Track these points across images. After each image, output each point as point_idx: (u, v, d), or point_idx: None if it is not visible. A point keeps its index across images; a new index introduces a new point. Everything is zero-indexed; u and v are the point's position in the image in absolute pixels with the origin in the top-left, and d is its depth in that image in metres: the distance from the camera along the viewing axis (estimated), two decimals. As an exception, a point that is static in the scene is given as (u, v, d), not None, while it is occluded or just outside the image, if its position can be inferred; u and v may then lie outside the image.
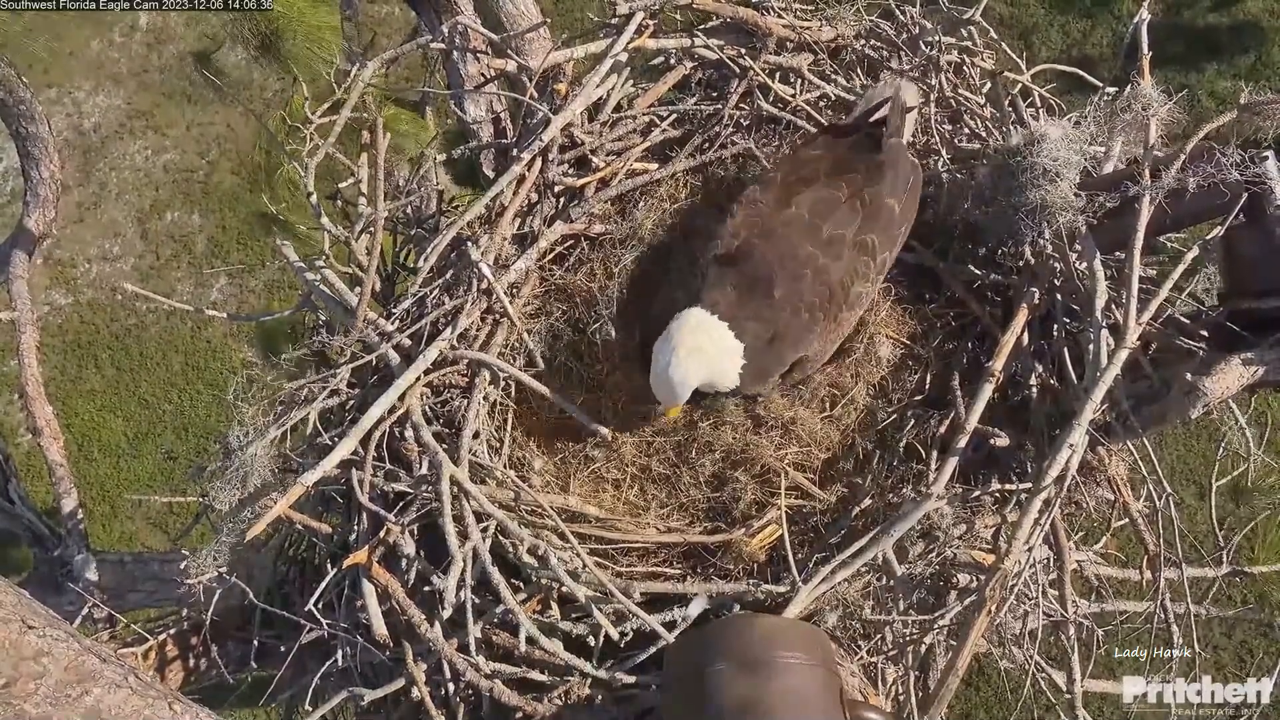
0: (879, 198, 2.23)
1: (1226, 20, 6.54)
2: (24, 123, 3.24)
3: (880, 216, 2.24)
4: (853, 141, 2.31)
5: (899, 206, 2.27)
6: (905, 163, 2.30)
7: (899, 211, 2.27)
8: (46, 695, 1.60)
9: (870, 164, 2.25)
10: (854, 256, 2.22)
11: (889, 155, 2.26)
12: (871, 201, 2.23)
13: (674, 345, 2.14)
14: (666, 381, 2.15)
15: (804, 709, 1.69)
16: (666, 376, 2.14)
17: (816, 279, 2.19)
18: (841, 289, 2.21)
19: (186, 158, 7.41)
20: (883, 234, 2.25)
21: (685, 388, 2.16)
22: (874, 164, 2.25)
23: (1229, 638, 5.03)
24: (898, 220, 2.27)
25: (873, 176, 2.24)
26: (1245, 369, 2.07)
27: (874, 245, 2.23)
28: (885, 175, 2.25)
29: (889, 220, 2.25)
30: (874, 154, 2.25)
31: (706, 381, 2.19)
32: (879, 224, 2.24)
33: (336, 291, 2.41)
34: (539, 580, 2.08)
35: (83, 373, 6.91)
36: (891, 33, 2.74)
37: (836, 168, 2.27)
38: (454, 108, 3.00)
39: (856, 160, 2.26)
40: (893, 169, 2.26)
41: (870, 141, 2.28)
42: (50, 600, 2.59)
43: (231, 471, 2.14)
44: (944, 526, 2.11)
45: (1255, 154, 2.06)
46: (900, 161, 2.28)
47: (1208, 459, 5.47)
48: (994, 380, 2.17)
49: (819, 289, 2.20)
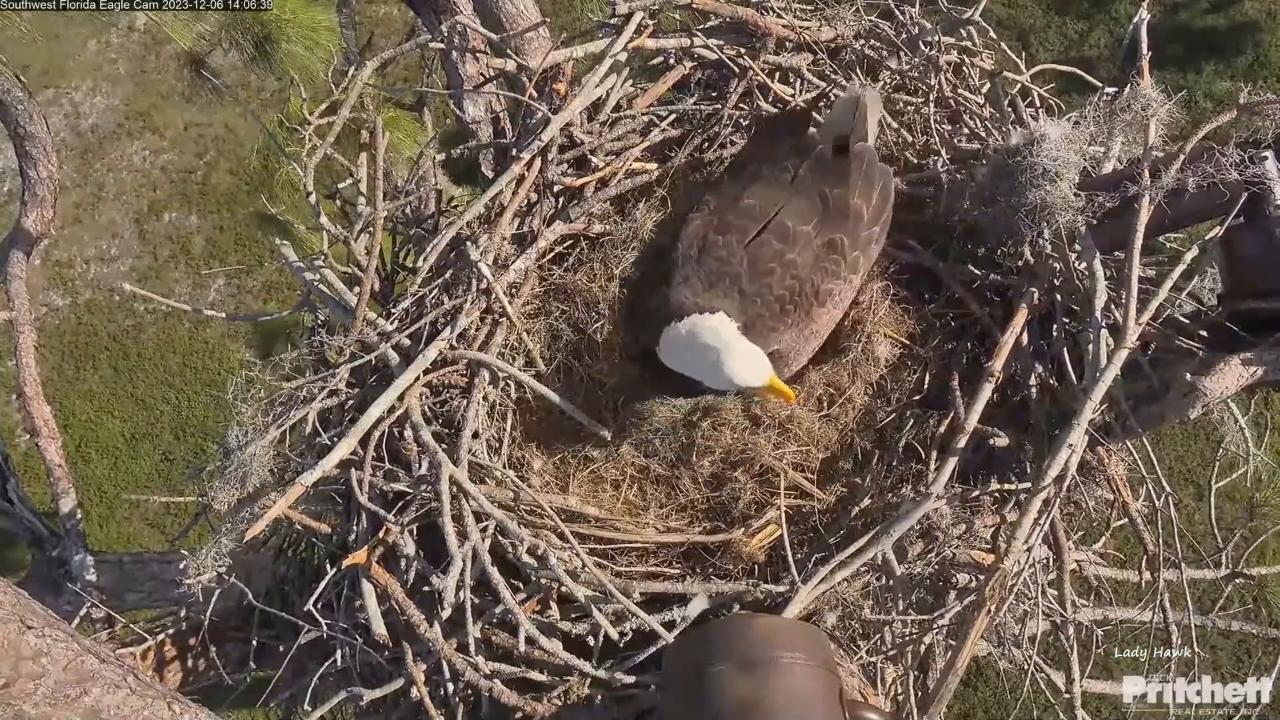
0: (844, 198, 2.27)
1: (1224, 21, 6.55)
2: (21, 123, 3.23)
3: (848, 216, 2.27)
4: (809, 143, 2.36)
5: (867, 208, 2.29)
6: (874, 167, 2.32)
7: (868, 213, 2.29)
8: (45, 695, 1.59)
9: (833, 165, 2.29)
10: (822, 254, 2.25)
11: (856, 158, 2.29)
12: (835, 202, 2.27)
13: (712, 344, 2.18)
14: (746, 365, 2.18)
15: (804, 709, 1.69)
16: (741, 362, 2.18)
17: (785, 273, 2.23)
18: (812, 286, 2.24)
19: (184, 158, 7.41)
20: (851, 234, 2.27)
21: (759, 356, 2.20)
22: (839, 165, 2.29)
23: (1228, 638, 5.03)
24: (867, 221, 2.30)
25: (838, 177, 2.28)
26: (1245, 369, 2.07)
27: (843, 244, 2.26)
28: (850, 176, 2.28)
29: (857, 220, 2.28)
30: (840, 156, 2.30)
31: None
32: (846, 224, 2.27)
33: (335, 291, 2.41)
34: (538, 580, 2.08)
35: (80, 373, 6.90)
36: (891, 33, 2.74)
37: (776, 158, 2.33)
38: (453, 107, 3.00)
39: (819, 161, 2.31)
40: (859, 171, 2.29)
41: (835, 146, 2.32)
42: (49, 600, 2.60)
43: (230, 472, 2.14)
44: (943, 526, 2.11)
45: (1254, 154, 2.06)
46: (868, 164, 2.31)
47: (1206, 459, 5.48)
48: (993, 380, 2.17)
49: (788, 283, 2.23)
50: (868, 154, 2.32)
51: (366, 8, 7.15)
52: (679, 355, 2.25)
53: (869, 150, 2.33)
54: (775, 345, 2.24)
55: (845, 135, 2.31)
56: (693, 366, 2.25)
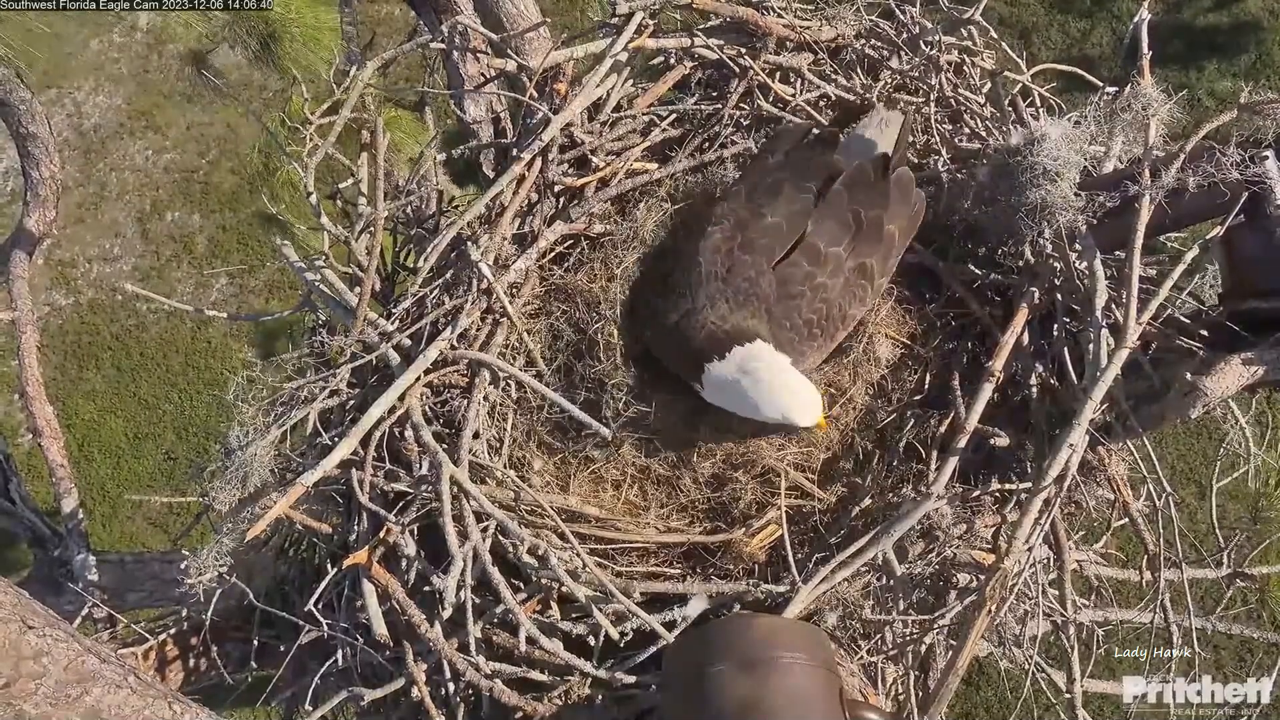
0: (879, 221, 2.22)
1: (1226, 19, 6.54)
2: (24, 122, 3.24)
3: (880, 239, 2.23)
4: (837, 161, 2.30)
5: (899, 234, 2.27)
6: (911, 191, 2.30)
7: (899, 239, 2.27)
8: (46, 695, 1.60)
9: (873, 186, 2.24)
10: (853, 278, 2.22)
11: (897, 182, 2.25)
12: (870, 224, 2.22)
13: (765, 380, 2.15)
14: (801, 404, 2.16)
15: (804, 709, 1.69)
16: (796, 401, 2.16)
17: (815, 297, 2.20)
18: (839, 310, 2.22)
19: (186, 158, 7.42)
20: (883, 259, 2.25)
21: (812, 394, 2.18)
22: (879, 187, 2.24)
23: (1230, 637, 5.02)
24: (898, 248, 2.28)
25: (876, 199, 2.23)
26: (1245, 368, 2.07)
27: (873, 270, 2.23)
28: (891, 199, 2.24)
29: (889, 245, 2.25)
30: (881, 178, 2.24)
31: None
32: (879, 248, 2.23)
33: (336, 291, 2.41)
34: (539, 580, 2.08)
35: (83, 373, 6.91)
36: (891, 32, 2.74)
37: (800, 175, 2.27)
38: (454, 107, 3.00)
39: (857, 180, 2.25)
40: (898, 195, 2.25)
41: (878, 165, 2.27)
42: (50, 600, 2.60)
43: (231, 471, 2.14)
44: (944, 526, 2.11)
45: (1255, 153, 2.05)
46: (905, 188, 2.28)
47: (1208, 457, 5.48)
48: (994, 380, 2.17)
49: (817, 305, 2.20)
50: (907, 177, 2.29)
51: (368, 6, 7.15)
52: (726, 393, 2.21)
53: (909, 175, 2.30)
54: (801, 367, 2.22)
55: (886, 155, 2.26)
56: (742, 404, 2.20)
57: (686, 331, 2.22)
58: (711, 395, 2.23)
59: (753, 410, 2.19)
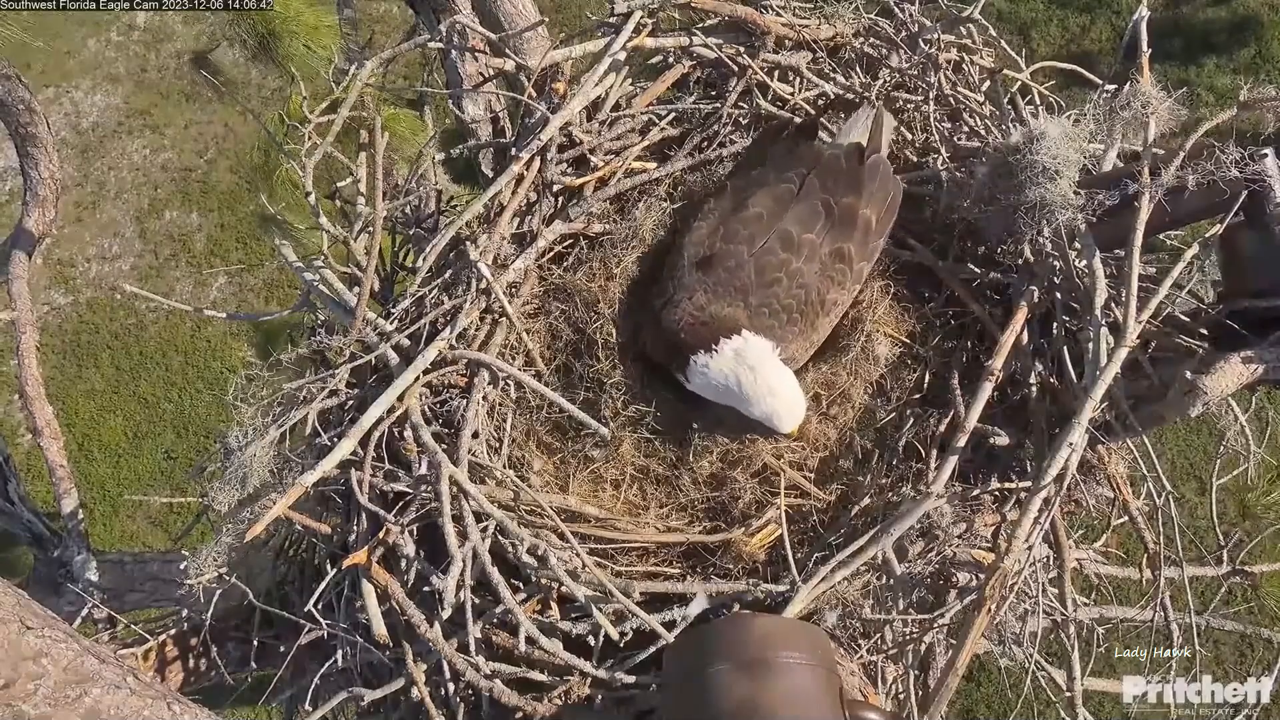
0: (853, 208, 2.26)
1: (1226, 15, 6.54)
2: (22, 122, 3.23)
3: (855, 226, 2.26)
4: (818, 153, 2.34)
5: (876, 219, 2.29)
6: (889, 179, 2.33)
7: (876, 224, 2.29)
8: (45, 696, 1.59)
9: (846, 173, 2.28)
10: (829, 263, 2.25)
11: (871, 168, 2.29)
12: (842, 210, 2.25)
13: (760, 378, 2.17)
14: (788, 409, 2.20)
15: (804, 709, 1.68)
16: (787, 405, 2.19)
17: (792, 283, 2.23)
18: (818, 294, 2.24)
19: (185, 157, 7.41)
20: (859, 244, 2.27)
21: (800, 402, 2.23)
22: (853, 174, 2.28)
23: (1230, 635, 5.03)
24: (875, 233, 2.30)
25: (849, 186, 2.27)
26: (1245, 367, 2.07)
27: (850, 254, 2.26)
28: (864, 186, 2.27)
29: (865, 231, 2.28)
30: (855, 165, 2.28)
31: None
32: (854, 234, 2.26)
33: (335, 291, 2.41)
34: (538, 580, 2.08)
35: (82, 372, 6.91)
36: (890, 30, 2.74)
37: (784, 167, 2.31)
38: (452, 107, 2.99)
39: (829, 167, 2.29)
40: (873, 181, 2.28)
41: (851, 153, 2.32)
42: (50, 601, 2.60)
43: (231, 472, 2.14)
44: (944, 525, 2.11)
45: (1255, 151, 2.05)
46: (882, 176, 2.31)
47: (1208, 454, 5.48)
48: (993, 379, 2.17)
49: (795, 291, 2.23)
50: (883, 165, 2.32)
51: (367, 5, 7.14)
52: (712, 386, 2.23)
53: (884, 162, 2.33)
54: (783, 355, 2.24)
55: (860, 145, 2.32)
56: (728, 398, 2.22)
57: (665, 321, 2.26)
58: (697, 387, 2.25)
59: (740, 404, 2.21)
